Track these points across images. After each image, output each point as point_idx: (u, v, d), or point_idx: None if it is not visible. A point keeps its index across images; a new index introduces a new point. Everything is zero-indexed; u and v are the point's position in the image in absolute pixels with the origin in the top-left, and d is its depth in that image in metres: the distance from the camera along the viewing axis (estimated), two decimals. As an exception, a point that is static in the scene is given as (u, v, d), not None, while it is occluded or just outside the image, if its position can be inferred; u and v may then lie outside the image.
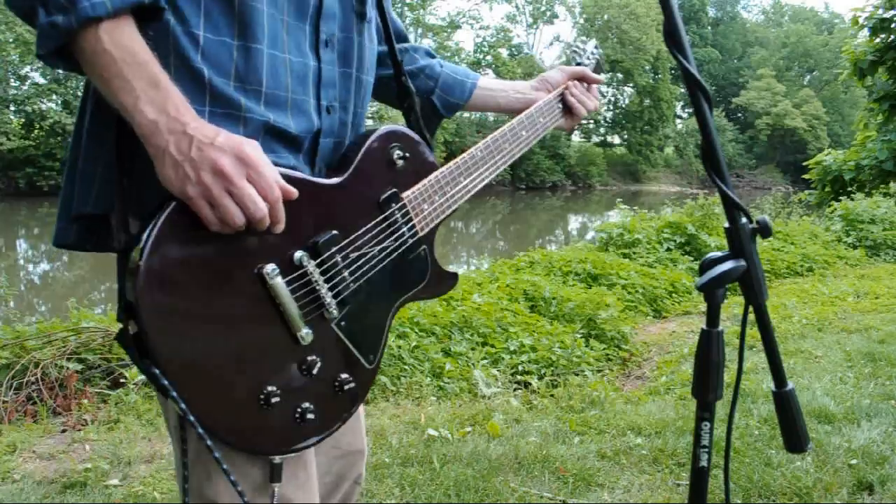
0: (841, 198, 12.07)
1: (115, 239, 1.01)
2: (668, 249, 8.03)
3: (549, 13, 43.34)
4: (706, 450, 0.94)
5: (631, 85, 44.87)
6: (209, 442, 0.90)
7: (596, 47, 1.58)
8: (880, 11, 13.45)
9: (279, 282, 0.95)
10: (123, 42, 0.88)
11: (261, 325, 0.95)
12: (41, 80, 24.25)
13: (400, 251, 1.12)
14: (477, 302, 4.96)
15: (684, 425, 3.12)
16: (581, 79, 1.48)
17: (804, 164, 16.18)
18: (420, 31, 37.03)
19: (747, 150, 50.66)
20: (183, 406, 0.88)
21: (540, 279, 5.95)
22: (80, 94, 1.05)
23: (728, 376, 3.36)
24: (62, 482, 2.61)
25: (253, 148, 0.91)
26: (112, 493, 2.54)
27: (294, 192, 0.94)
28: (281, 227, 0.94)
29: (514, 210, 29.73)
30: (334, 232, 1.01)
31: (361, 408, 1.29)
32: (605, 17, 40.87)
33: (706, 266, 0.93)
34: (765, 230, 0.91)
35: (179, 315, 0.88)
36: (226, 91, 0.99)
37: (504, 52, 39.30)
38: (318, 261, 1.00)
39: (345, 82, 1.15)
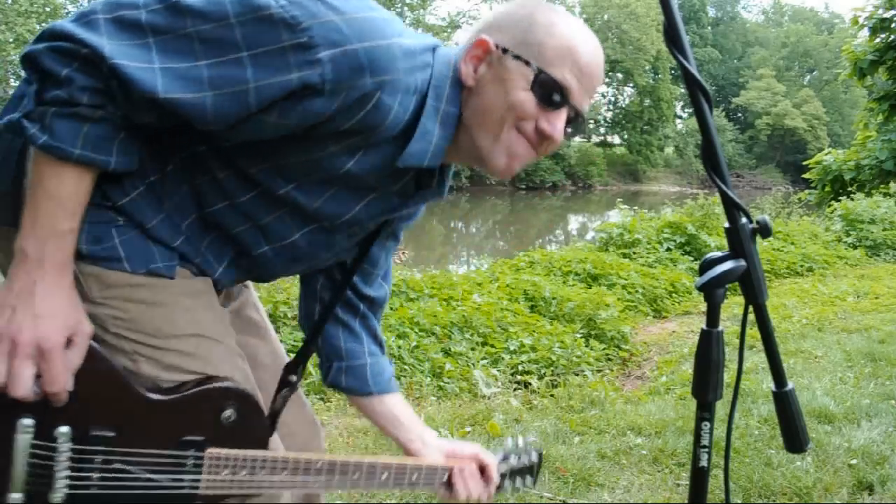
0: (841, 198, 12.07)
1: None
2: (668, 249, 8.02)
3: (549, 13, 43.30)
4: (706, 450, 0.94)
5: (631, 85, 44.87)
6: None
7: (536, 452, 1.52)
8: (880, 11, 13.44)
9: (23, 438, 0.94)
10: (66, 185, 0.95)
11: None
12: (41, 80, 24.21)
13: (166, 493, 1.05)
14: (477, 302, 4.96)
15: (684, 425, 3.12)
16: (483, 467, 1.40)
17: (804, 163, 16.17)
18: (420, 31, 37.02)
19: (747, 150, 50.66)
20: None
21: (540, 279, 5.95)
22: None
23: (728, 376, 3.36)
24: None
25: (57, 343, 0.95)
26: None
27: (61, 399, 0.96)
28: (58, 401, 0.97)
29: (514, 210, 29.71)
30: (112, 434, 0.98)
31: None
32: (605, 17, 40.87)
33: (706, 266, 0.93)
34: (765, 230, 0.91)
35: None
36: None
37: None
38: (77, 447, 0.98)
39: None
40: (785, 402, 0.95)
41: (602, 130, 47.57)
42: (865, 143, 14.46)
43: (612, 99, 46.93)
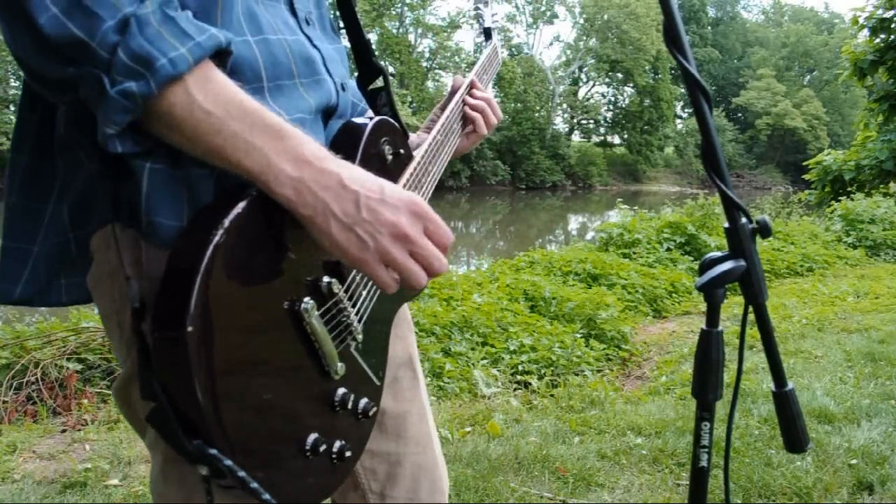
0: (841, 198, 12.07)
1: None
2: (668, 249, 8.02)
3: (549, 13, 43.39)
4: (706, 450, 0.94)
5: (631, 85, 44.87)
6: None
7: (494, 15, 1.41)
8: (880, 11, 13.44)
9: (316, 317, 0.80)
10: (222, 94, 0.71)
11: (296, 368, 0.81)
12: (41, 80, 24.23)
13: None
14: (477, 302, 4.96)
15: (684, 425, 3.12)
16: (471, 84, 1.26)
17: (804, 164, 16.17)
18: (420, 31, 37.03)
19: (747, 150, 50.68)
20: (254, 485, 0.71)
21: (540, 279, 5.95)
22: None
23: (728, 376, 3.36)
24: (62, 482, 2.61)
25: (419, 197, 0.80)
26: (112, 493, 2.54)
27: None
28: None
29: (514, 210, 29.73)
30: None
31: (441, 462, 1.18)
32: (605, 17, 40.87)
33: (706, 266, 0.93)
34: (765, 230, 0.91)
35: (230, 381, 0.72)
36: None
37: (504, 52, 39.28)
38: (345, 284, 0.85)
39: (341, 59, 1.01)
40: (785, 402, 0.95)
41: (602, 130, 47.62)
42: (865, 143, 14.46)
43: (612, 99, 46.98)
